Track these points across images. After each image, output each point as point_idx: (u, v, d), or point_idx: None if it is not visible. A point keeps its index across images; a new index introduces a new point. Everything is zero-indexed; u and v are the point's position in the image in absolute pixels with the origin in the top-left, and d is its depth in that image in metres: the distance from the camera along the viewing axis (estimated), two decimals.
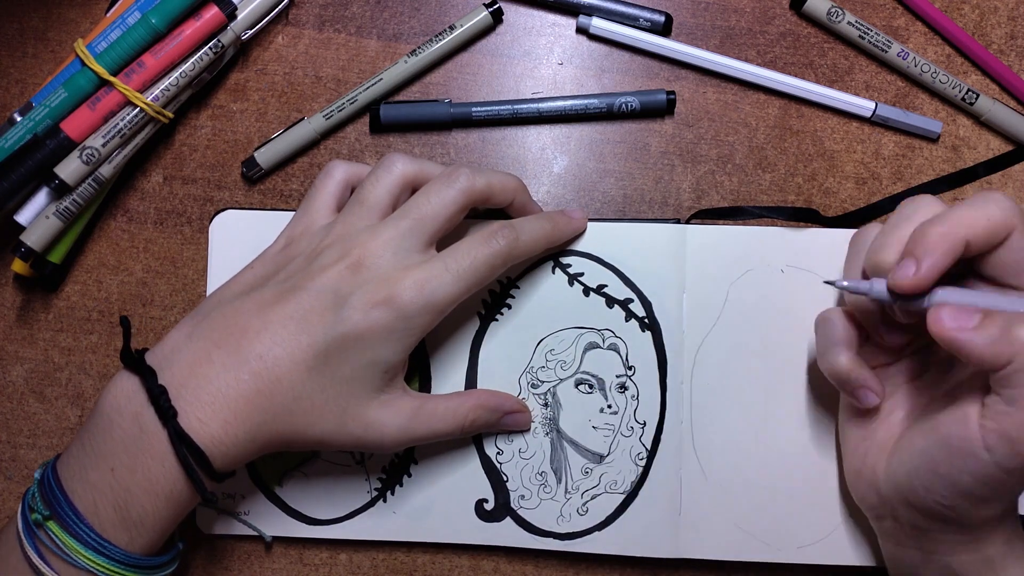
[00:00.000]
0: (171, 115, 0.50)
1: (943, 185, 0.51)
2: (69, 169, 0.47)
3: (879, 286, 0.40)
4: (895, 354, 0.45)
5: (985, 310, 0.37)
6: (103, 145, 0.48)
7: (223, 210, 0.51)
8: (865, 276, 0.42)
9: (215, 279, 0.51)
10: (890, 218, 0.42)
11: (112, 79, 0.47)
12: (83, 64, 0.48)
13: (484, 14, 0.51)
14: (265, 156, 0.51)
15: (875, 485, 0.43)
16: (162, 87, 0.48)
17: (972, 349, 0.37)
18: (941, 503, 0.40)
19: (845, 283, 0.41)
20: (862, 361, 0.43)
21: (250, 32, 0.50)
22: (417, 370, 0.50)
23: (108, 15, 0.50)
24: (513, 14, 0.53)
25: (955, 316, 0.37)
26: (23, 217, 0.49)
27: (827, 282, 0.43)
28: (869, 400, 0.43)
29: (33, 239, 0.48)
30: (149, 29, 0.47)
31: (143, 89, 0.48)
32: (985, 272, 0.40)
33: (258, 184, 0.52)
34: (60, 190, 0.48)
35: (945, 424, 0.39)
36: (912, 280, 0.38)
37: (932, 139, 0.52)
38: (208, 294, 0.50)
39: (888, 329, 0.43)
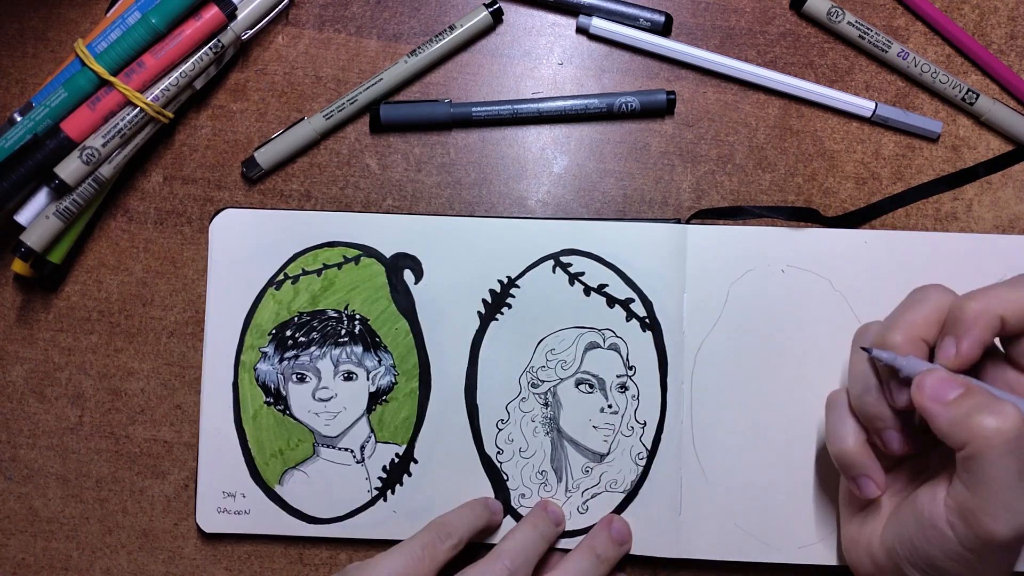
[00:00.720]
0: (171, 115, 0.50)
1: (943, 185, 0.51)
2: (69, 169, 0.47)
3: (914, 363, 0.39)
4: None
5: (968, 389, 0.37)
6: (103, 145, 0.48)
7: (223, 209, 0.51)
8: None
9: (215, 279, 0.51)
10: (900, 303, 0.42)
11: (112, 79, 0.47)
12: (83, 64, 0.48)
13: (484, 14, 0.51)
14: (265, 156, 0.51)
15: (871, 554, 0.43)
16: (162, 87, 0.48)
17: (936, 422, 0.37)
18: None
19: (884, 355, 0.40)
20: (869, 448, 0.42)
21: (250, 32, 0.50)
22: (417, 370, 0.50)
23: (108, 15, 0.50)
24: (513, 14, 0.53)
25: (936, 386, 0.38)
26: (23, 217, 0.49)
27: (863, 348, 0.41)
28: (868, 490, 0.42)
29: (33, 239, 0.48)
30: (149, 29, 0.47)
31: (143, 89, 0.48)
32: (1014, 356, 0.40)
33: (258, 184, 0.52)
34: (60, 190, 0.48)
35: (920, 499, 0.40)
36: (954, 360, 0.38)
37: (932, 139, 0.52)
38: (208, 297, 0.50)
39: (894, 435, 0.41)
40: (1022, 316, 0.38)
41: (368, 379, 0.50)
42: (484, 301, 0.50)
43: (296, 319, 0.50)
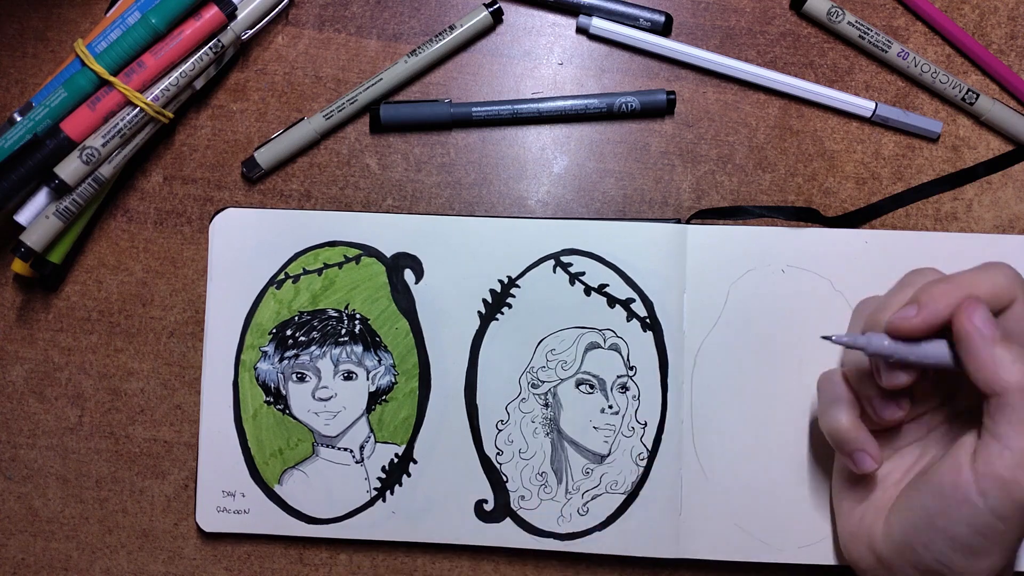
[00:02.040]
0: (171, 115, 0.50)
1: (943, 185, 0.51)
2: (69, 169, 0.47)
3: (876, 340, 0.39)
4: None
5: (1004, 333, 0.37)
6: (103, 145, 0.48)
7: (223, 209, 0.51)
8: None
9: (215, 278, 0.51)
10: (894, 285, 0.43)
11: (112, 79, 0.47)
12: (83, 64, 0.48)
13: (484, 14, 0.51)
14: (265, 156, 0.51)
15: (873, 547, 0.43)
16: (162, 87, 0.48)
17: (978, 358, 0.37)
18: (940, 560, 0.39)
19: (844, 338, 0.40)
20: (862, 424, 0.42)
21: (250, 32, 0.50)
22: (417, 370, 0.50)
23: (108, 15, 0.50)
24: (513, 14, 0.53)
25: (984, 320, 0.37)
26: (23, 217, 0.49)
27: (824, 337, 0.41)
28: (865, 464, 0.42)
29: (33, 239, 0.48)
30: (149, 29, 0.47)
31: (143, 89, 0.48)
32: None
33: (258, 184, 0.52)
34: (60, 190, 0.48)
35: (939, 474, 0.39)
36: (911, 323, 0.38)
37: (932, 139, 0.52)
38: (208, 296, 0.50)
39: (882, 403, 0.41)
40: (988, 301, 0.38)
41: (368, 379, 0.50)
42: (484, 301, 0.50)
43: (296, 318, 0.50)
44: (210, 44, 0.49)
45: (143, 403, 0.52)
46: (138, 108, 0.48)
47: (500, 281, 0.50)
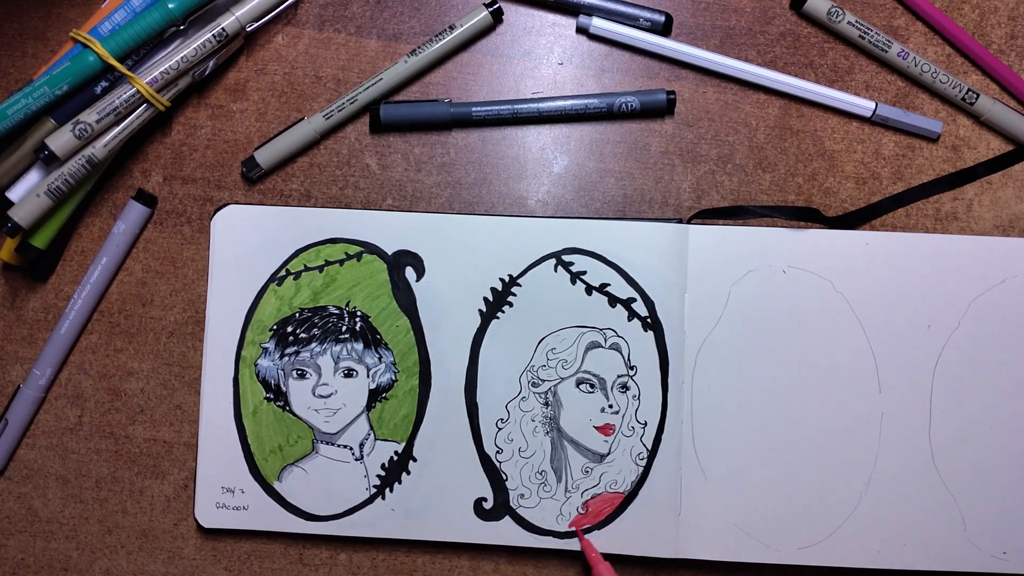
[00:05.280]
0: (168, 103, 0.50)
1: (943, 185, 0.51)
2: (60, 141, 0.47)
3: None
4: None
5: None
6: (97, 121, 0.48)
7: (225, 205, 0.51)
8: None
9: (217, 275, 0.51)
10: None
11: (113, 61, 0.47)
12: (84, 47, 0.48)
13: (484, 14, 0.51)
14: (265, 156, 0.51)
15: None
16: (161, 69, 0.48)
17: None
18: None
19: None
20: None
21: (256, 24, 0.50)
22: (417, 367, 0.50)
23: (104, 5, 0.50)
24: (513, 14, 0.53)
25: None
26: (15, 194, 0.49)
27: None
28: None
29: (20, 215, 0.48)
30: (165, 15, 0.48)
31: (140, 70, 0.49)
32: None
33: (258, 184, 0.52)
34: (49, 161, 0.48)
35: None
36: None
37: (932, 139, 0.52)
38: (210, 292, 0.50)
39: None
40: None
41: (368, 376, 0.50)
42: (485, 299, 0.50)
43: (297, 315, 0.50)
44: (213, 32, 0.49)
45: (143, 403, 0.52)
46: (134, 88, 0.48)
47: (501, 279, 0.50)
